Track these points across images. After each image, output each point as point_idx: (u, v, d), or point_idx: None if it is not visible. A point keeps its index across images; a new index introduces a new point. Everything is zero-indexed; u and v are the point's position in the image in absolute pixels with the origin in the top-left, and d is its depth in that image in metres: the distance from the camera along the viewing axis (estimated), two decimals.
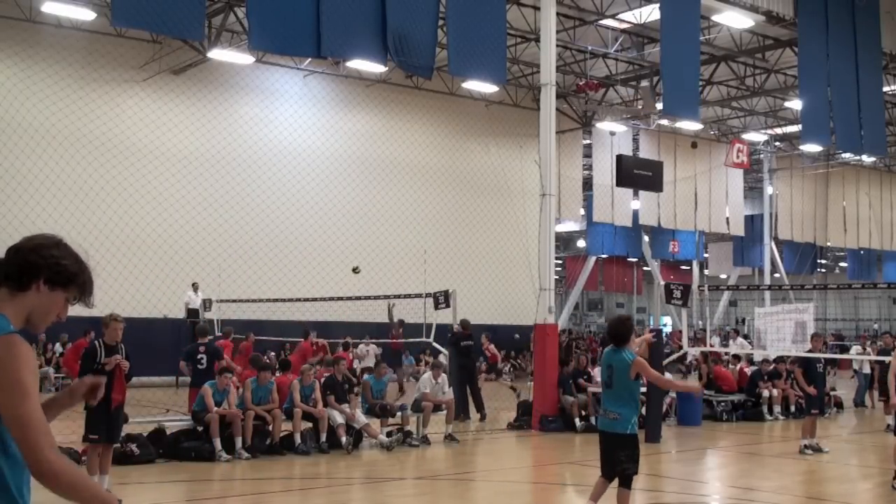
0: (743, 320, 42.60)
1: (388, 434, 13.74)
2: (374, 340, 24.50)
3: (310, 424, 13.18)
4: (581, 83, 26.89)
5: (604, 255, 42.55)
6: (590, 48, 25.49)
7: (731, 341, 25.51)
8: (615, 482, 7.73)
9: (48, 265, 2.75)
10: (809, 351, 14.66)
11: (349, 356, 22.04)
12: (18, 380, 2.59)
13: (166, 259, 23.58)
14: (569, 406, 16.05)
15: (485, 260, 29.09)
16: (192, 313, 23.21)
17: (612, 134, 31.39)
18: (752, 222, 39.36)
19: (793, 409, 19.08)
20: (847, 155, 32.96)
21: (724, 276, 46.49)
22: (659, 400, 15.62)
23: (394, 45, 15.43)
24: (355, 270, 19.47)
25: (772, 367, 19.58)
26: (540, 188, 17.13)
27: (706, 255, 45.64)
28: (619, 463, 7.62)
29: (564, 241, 50.11)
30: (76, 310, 2.99)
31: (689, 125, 29.79)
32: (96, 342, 9.27)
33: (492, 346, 23.87)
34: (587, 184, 33.90)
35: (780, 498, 10.33)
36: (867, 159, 35.85)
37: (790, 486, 11.05)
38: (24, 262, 2.74)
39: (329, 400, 13.24)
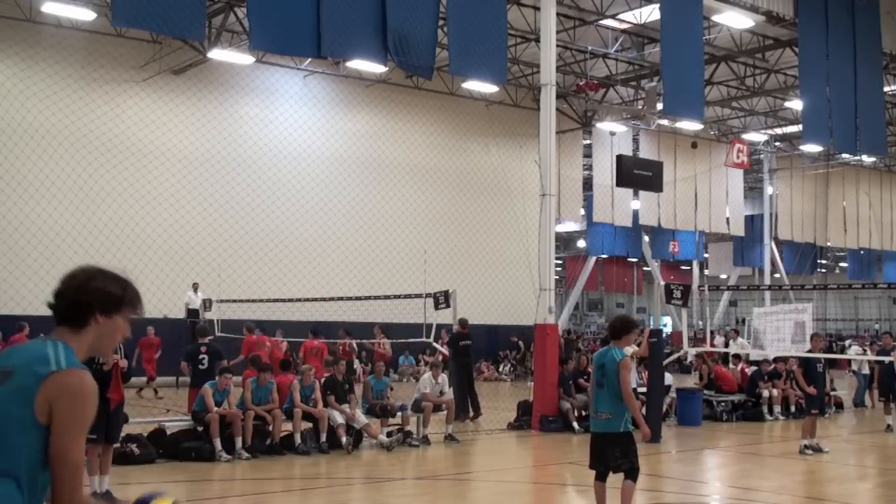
0: (743, 320, 42.56)
1: (389, 434, 13.74)
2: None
3: (310, 424, 13.18)
4: (581, 83, 26.89)
5: (604, 256, 42.58)
6: (590, 48, 25.49)
7: (731, 341, 25.48)
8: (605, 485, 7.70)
9: (98, 298, 2.82)
10: (809, 351, 14.67)
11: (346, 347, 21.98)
12: (83, 416, 2.62)
13: (166, 259, 23.58)
14: (566, 411, 16.04)
15: (485, 260, 29.08)
16: (193, 313, 23.21)
17: (612, 134, 31.39)
18: (752, 222, 39.35)
19: (793, 409, 19.08)
20: (847, 155, 32.95)
21: (724, 277, 46.50)
22: (659, 400, 15.62)
23: (394, 45, 15.43)
24: None
25: (772, 367, 19.58)
26: (540, 188, 17.13)
27: (706, 256, 45.65)
28: (613, 460, 7.56)
29: (564, 241, 50.10)
30: None
31: (689, 125, 29.79)
32: None
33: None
34: (587, 184, 33.89)
35: (779, 498, 10.34)
36: (867, 159, 35.84)
37: (790, 487, 11.06)
38: (75, 304, 2.80)
39: (329, 400, 13.24)
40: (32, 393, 2.58)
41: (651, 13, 22.28)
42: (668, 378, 17.94)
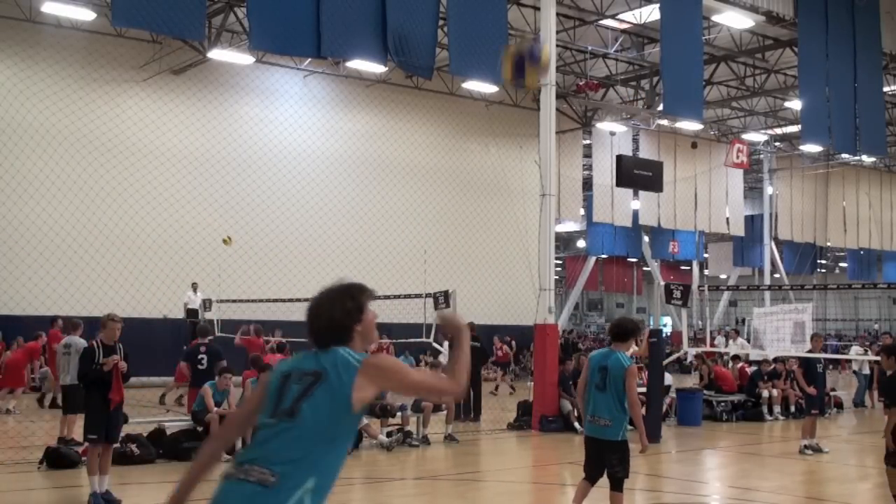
0: (743, 320, 42.59)
1: (388, 434, 13.75)
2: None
3: None
4: (581, 83, 26.90)
5: (604, 256, 42.58)
6: (590, 48, 25.50)
7: (730, 341, 25.49)
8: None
9: (345, 320, 3.42)
10: (809, 351, 14.67)
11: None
12: (395, 369, 3.37)
13: (166, 259, 23.58)
14: (566, 412, 16.03)
15: (485, 260, 29.08)
16: (192, 313, 23.20)
17: (612, 134, 31.39)
18: (752, 222, 39.35)
19: (793, 409, 19.09)
20: (847, 155, 32.96)
21: (724, 277, 46.49)
22: (659, 400, 15.62)
23: (394, 45, 15.43)
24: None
25: (772, 367, 19.59)
26: (540, 188, 17.13)
27: (706, 256, 45.64)
28: (609, 466, 7.44)
29: (564, 241, 50.11)
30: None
31: (689, 125, 29.80)
32: (94, 342, 9.27)
33: (504, 347, 25.67)
34: (587, 184, 33.88)
35: (779, 498, 10.33)
36: (867, 159, 35.83)
37: (790, 487, 11.06)
38: (336, 337, 3.40)
39: None
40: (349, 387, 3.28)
41: (651, 13, 22.28)
42: (668, 378, 17.95)
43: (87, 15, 20.91)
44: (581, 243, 45.90)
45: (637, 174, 24.88)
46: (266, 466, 3.07)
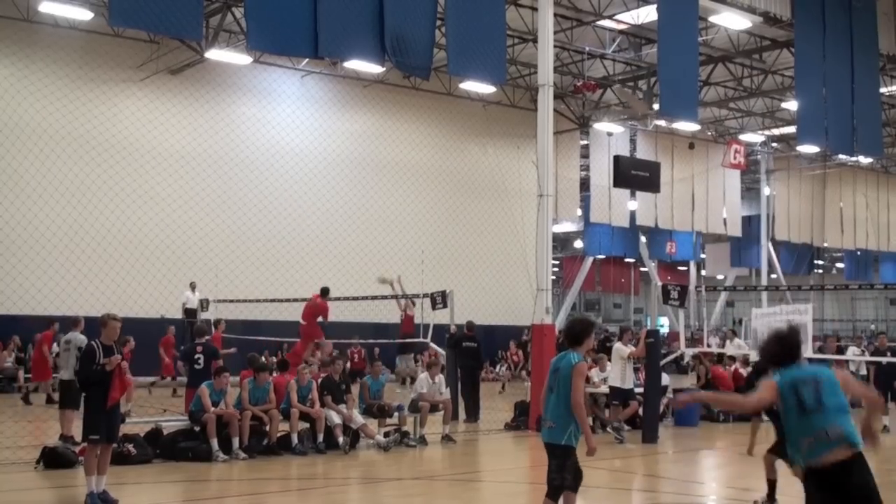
0: (740, 321, 42.58)
1: (386, 434, 13.75)
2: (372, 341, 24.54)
3: (307, 425, 13.17)
4: (578, 84, 26.90)
5: (601, 256, 42.54)
6: (587, 49, 25.50)
7: (727, 342, 25.47)
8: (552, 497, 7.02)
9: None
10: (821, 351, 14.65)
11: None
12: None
13: (163, 259, 23.57)
14: None
15: (482, 260, 29.07)
16: (190, 313, 23.17)
17: (610, 135, 31.42)
18: (750, 223, 39.39)
19: None
20: (844, 156, 33.00)
21: (721, 277, 46.51)
22: (655, 400, 15.62)
23: (391, 45, 15.42)
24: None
25: None
26: (537, 189, 17.13)
27: (703, 256, 45.67)
28: (548, 472, 6.90)
29: (562, 241, 50.08)
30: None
31: (687, 126, 29.83)
32: (94, 342, 9.23)
33: (520, 352, 26.46)
34: (584, 184, 33.90)
35: (777, 498, 10.33)
36: (864, 160, 35.88)
37: (787, 487, 11.05)
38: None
39: (326, 400, 13.23)
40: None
41: (648, 14, 22.29)
42: (665, 378, 17.95)
43: (84, 14, 20.90)
44: (578, 244, 45.88)
45: (634, 175, 24.88)
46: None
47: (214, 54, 22.79)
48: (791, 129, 32.89)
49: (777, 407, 5.36)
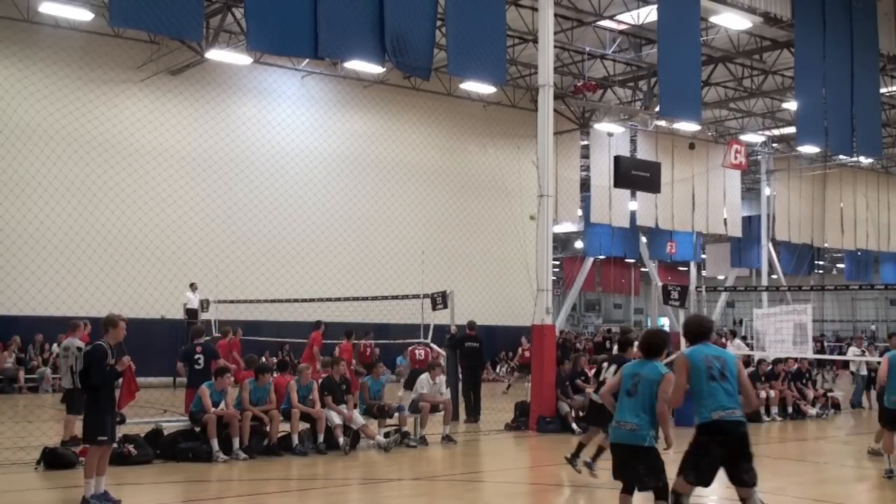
0: (740, 321, 42.58)
1: (386, 435, 13.74)
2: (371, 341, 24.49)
3: (307, 425, 13.17)
4: (579, 84, 26.89)
5: (601, 256, 42.51)
6: (587, 49, 25.50)
7: (728, 342, 25.47)
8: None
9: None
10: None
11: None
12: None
13: (164, 259, 23.58)
14: (563, 413, 16.00)
15: (482, 261, 29.09)
16: (191, 314, 23.18)
17: (610, 135, 31.40)
18: (750, 223, 39.38)
19: (790, 410, 19.10)
20: (844, 156, 33.01)
21: (721, 278, 46.48)
22: None
23: (392, 45, 15.41)
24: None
25: (769, 367, 19.60)
26: (537, 189, 17.13)
27: (704, 257, 45.66)
28: (639, 477, 7.24)
29: (562, 242, 50.10)
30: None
31: (687, 126, 29.82)
32: (103, 343, 9.15)
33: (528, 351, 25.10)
34: (585, 185, 33.90)
35: (777, 499, 10.33)
36: (865, 161, 35.89)
37: (787, 488, 11.05)
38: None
39: (326, 401, 13.23)
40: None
41: (649, 14, 22.28)
42: None
43: (84, 15, 20.90)
44: (579, 244, 45.87)
45: (635, 175, 24.85)
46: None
47: (215, 55, 22.79)
48: (791, 130, 32.89)
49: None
